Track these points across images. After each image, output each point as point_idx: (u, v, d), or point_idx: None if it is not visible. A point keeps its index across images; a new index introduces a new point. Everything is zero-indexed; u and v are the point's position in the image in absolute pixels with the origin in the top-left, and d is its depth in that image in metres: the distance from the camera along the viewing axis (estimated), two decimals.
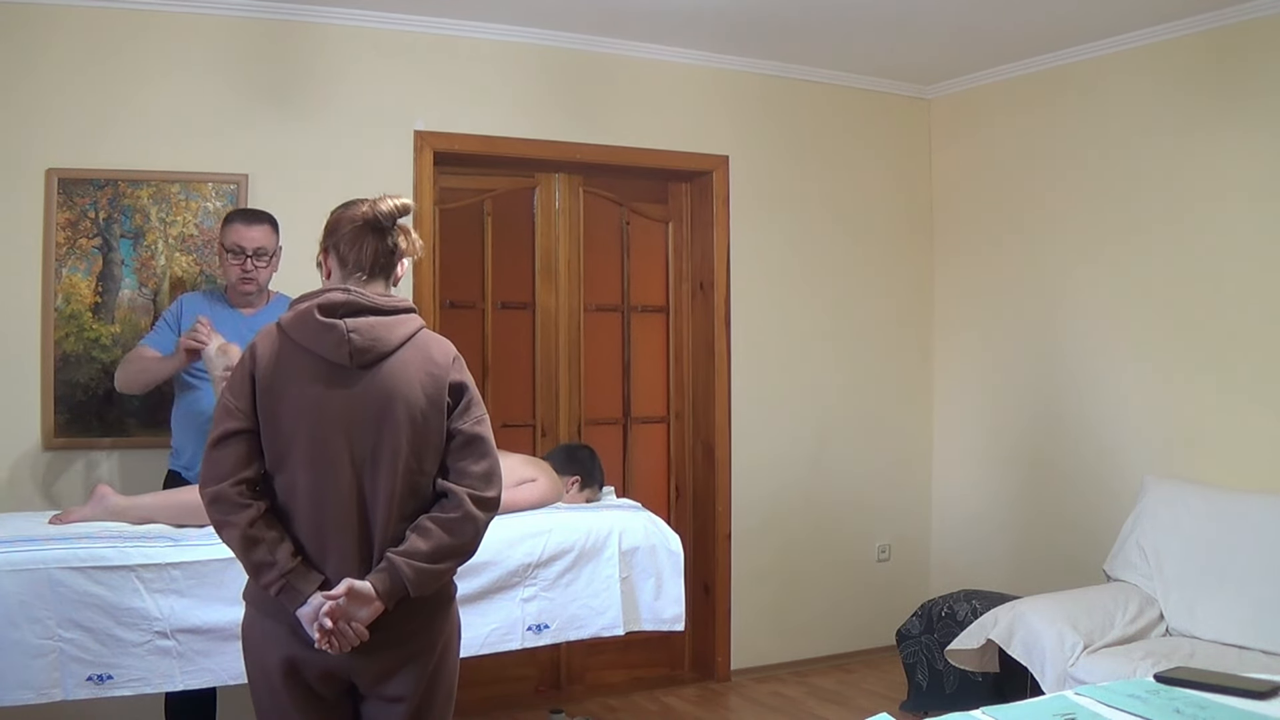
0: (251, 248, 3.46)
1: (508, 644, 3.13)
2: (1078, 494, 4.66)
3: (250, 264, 3.46)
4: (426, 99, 4.32)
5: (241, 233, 3.47)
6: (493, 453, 2.29)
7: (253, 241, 3.46)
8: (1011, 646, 3.64)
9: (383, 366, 2.20)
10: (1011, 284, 4.98)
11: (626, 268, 4.98)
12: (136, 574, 2.71)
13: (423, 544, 2.17)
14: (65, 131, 3.79)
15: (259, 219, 3.51)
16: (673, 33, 4.52)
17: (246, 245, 3.45)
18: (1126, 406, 4.47)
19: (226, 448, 2.17)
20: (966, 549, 5.18)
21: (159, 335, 3.52)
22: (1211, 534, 3.80)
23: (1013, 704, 2.21)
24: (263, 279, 3.51)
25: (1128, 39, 4.39)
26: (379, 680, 2.24)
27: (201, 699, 3.36)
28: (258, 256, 3.47)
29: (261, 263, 3.48)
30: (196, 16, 3.96)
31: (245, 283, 3.48)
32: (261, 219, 3.52)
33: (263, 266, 3.49)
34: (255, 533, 2.14)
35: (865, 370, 5.23)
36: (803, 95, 5.07)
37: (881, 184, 5.27)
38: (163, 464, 3.57)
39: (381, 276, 2.29)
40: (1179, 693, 2.26)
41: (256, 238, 3.47)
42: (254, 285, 3.50)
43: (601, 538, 3.25)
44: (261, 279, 3.51)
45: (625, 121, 4.68)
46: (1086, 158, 4.63)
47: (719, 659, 4.92)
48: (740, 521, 4.94)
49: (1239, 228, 4.09)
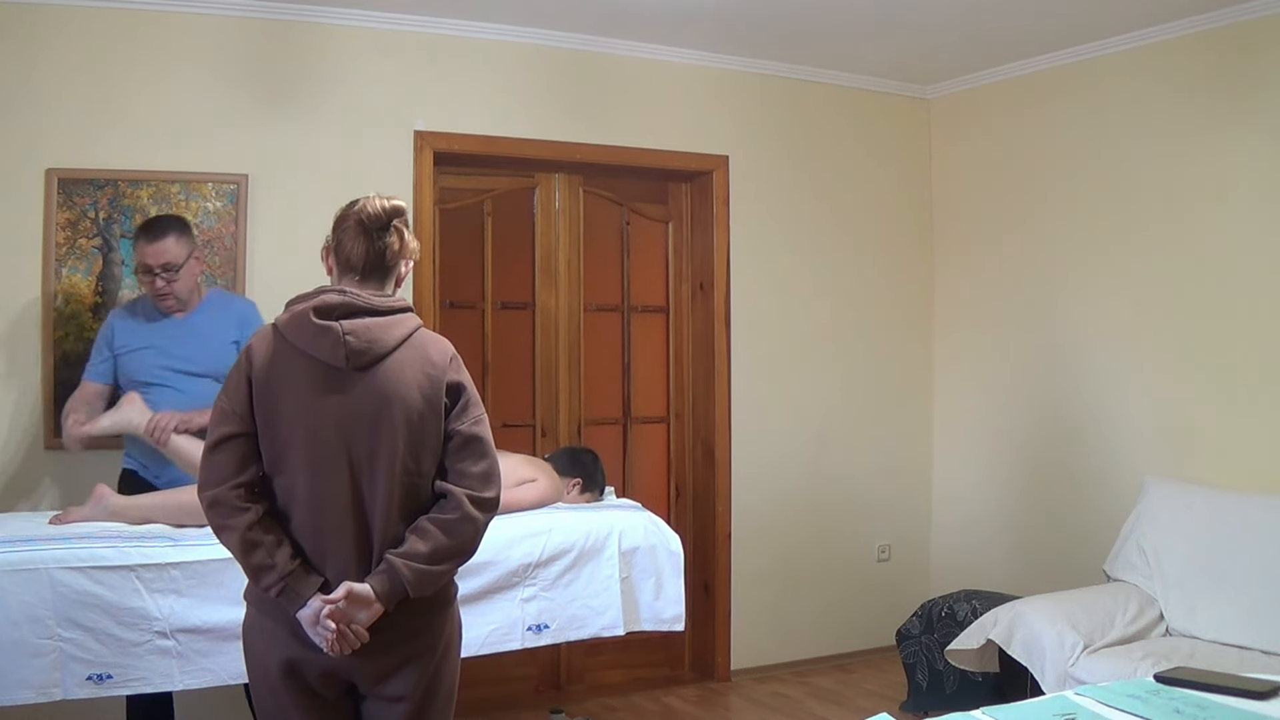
0: (158, 264, 3.29)
1: (508, 644, 3.13)
2: (1078, 494, 4.65)
3: (160, 281, 3.31)
4: (426, 99, 4.32)
5: (144, 250, 3.30)
6: (491, 453, 2.29)
7: (157, 257, 3.29)
8: (1011, 646, 3.64)
9: (379, 368, 2.20)
10: (1011, 284, 4.98)
11: (626, 268, 4.98)
12: (136, 574, 2.71)
13: (422, 545, 2.17)
14: (65, 131, 3.79)
15: (161, 233, 3.32)
16: (673, 33, 4.52)
17: (152, 262, 3.29)
18: (1126, 406, 4.47)
19: (224, 451, 2.17)
20: (966, 549, 5.18)
21: (98, 366, 3.41)
22: (1211, 534, 3.80)
23: (1013, 704, 2.21)
24: (179, 291, 3.35)
25: (1127, 39, 4.39)
26: (379, 680, 2.23)
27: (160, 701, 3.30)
28: (167, 270, 3.30)
29: (172, 276, 3.31)
30: (196, 16, 3.96)
31: (161, 299, 3.35)
32: (164, 232, 3.32)
33: (174, 280, 3.32)
34: (254, 536, 2.14)
35: (865, 370, 5.23)
36: (802, 95, 5.07)
37: (881, 184, 5.27)
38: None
39: (376, 277, 2.28)
40: (1179, 693, 2.26)
41: (161, 253, 3.29)
42: (171, 300, 3.36)
43: (601, 538, 3.25)
44: (178, 291, 3.35)
45: (625, 121, 4.68)
46: (1086, 158, 4.63)
47: (719, 659, 4.92)
48: (740, 521, 4.93)
49: (1239, 228, 4.08)
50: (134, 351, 3.38)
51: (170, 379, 3.34)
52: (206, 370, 3.34)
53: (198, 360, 3.35)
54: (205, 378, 3.33)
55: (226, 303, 3.56)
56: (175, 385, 3.34)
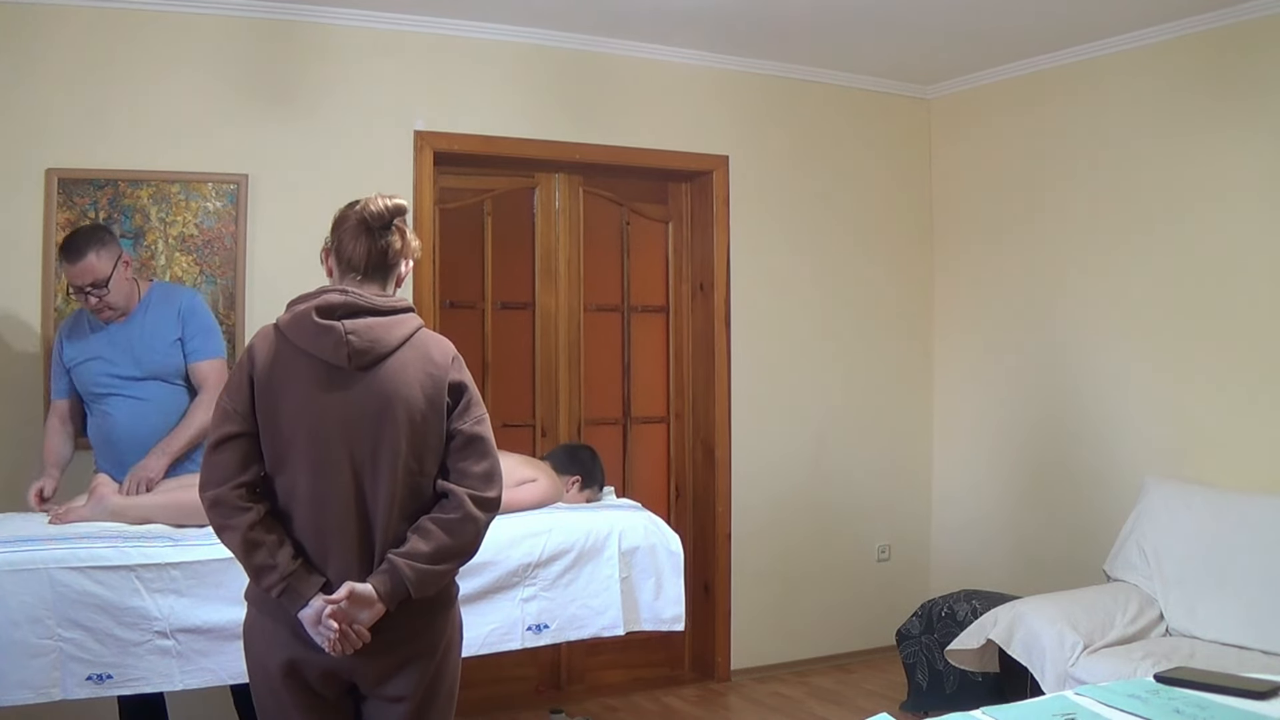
0: (85, 283, 3.21)
1: (508, 644, 3.13)
2: (1078, 494, 4.66)
3: (93, 298, 3.24)
4: (426, 99, 4.32)
5: (69, 270, 3.23)
6: (493, 453, 2.29)
7: (82, 277, 3.20)
8: (1011, 646, 3.64)
9: (381, 367, 2.20)
10: (1011, 284, 4.98)
11: (626, 268, 4.98)
12: (136, 574, 2.71)
13: (423, 545, 2.17)
14: (65, 131, 3.79)
15: (79, 252, 3.20)
16: (673, 33, 4.52)
17: (79, 282, 3.22)
18: (1127, 407, 4.47)
19: (225, 451, 2.17)
20: (966, 549, 5.18)
21: (58, 384, 3.40)
22: (1211, 534, 3.80)
23: (1013, 704, 2.21)
24: (114, 301, 3.27)
25: (1128, 39, 4.39)
26: (380, 680, 2.23)
27: (153, 702, 3.28)
28: (96, 288, 3.22)
29: (103, 290, 3.23)
30: (196, 16, 3.96)
31: (100, 313, 3.29)
32: (82, 250, 3.20)
33: (106, 294, 3.23)
34: (255, 536, 2.14)
35: (865, 370, 5.23)
36: (803, 95, 5.07)
37: (881, 184, 5.27)
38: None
39: (377, 277, 2.28)
40: (1179, 693, 2.26)
41: (85, 272, 3.20)
42: (110, 312, 3.28)
43: (601, 538, 3.25)
44: (112, 302, 3.27)
45: (625, 121, 4.68)
46: (1087, 158, 4.63)
47: (719, 659, 4.92)
48: (740, 521, 4.93)
49: (1240, 228, 4.08)
50: (82, 364, 3.34)
51: (119, 386, 3.31)
52: (153, 373, 3.31)
53: (143, 363, 3.31)
54: (154, 380, 3.32)
55: (167, 297, 3.44)
56: (125, 392, 3.31)
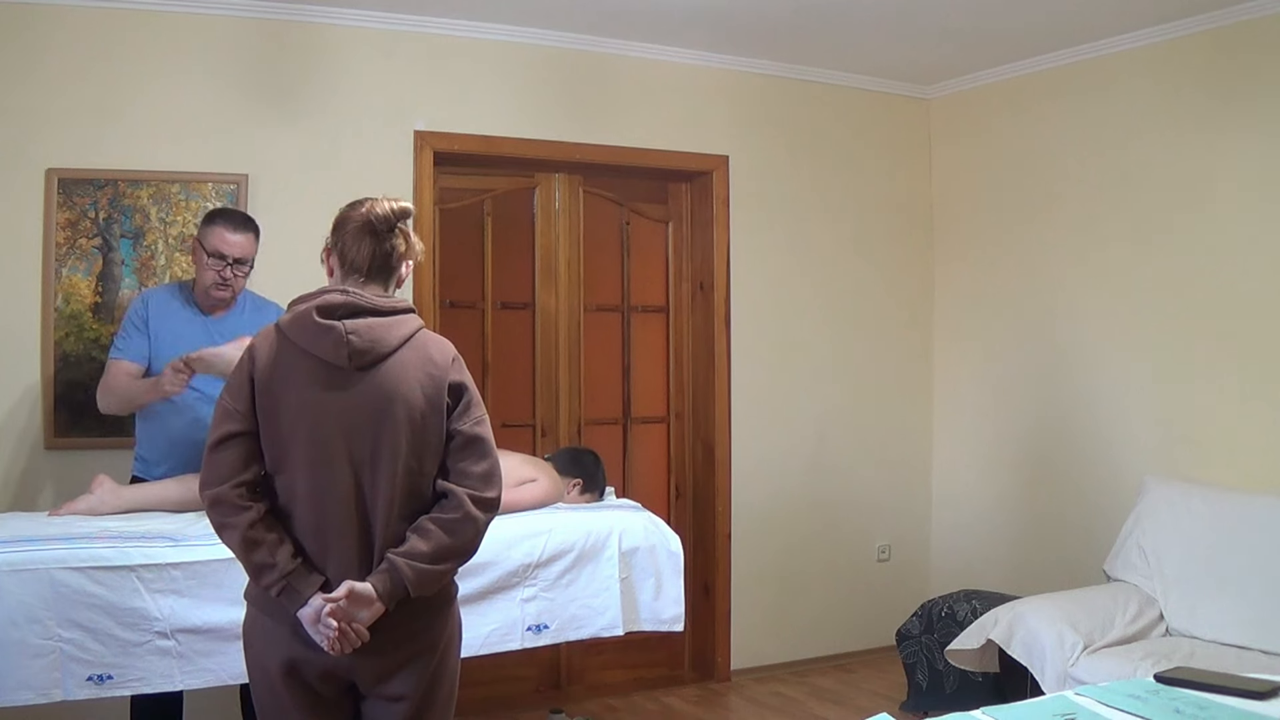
0: (233, 255, 3.27)
1: (507, 644, 3.12)
2: (1078, 494, 4.66)
3: (230, 271, 3.27)
4: (426, 99, 4.32)
5: (225, 238, 3.26)
6: (493, 453, 2.29)
7: (236, 249, 3.27)
8: (1011, 646, 3.64)
9: (381, 367, 2.20)
10: (1011, 283, 4.98)
11: (626, 268, 4.98)
12: (136, 574, 2.71)
13: (423, 545, 2.17)
14: (65, 131, 3.79)
15: (245, 226, 3.32)
16: (673, 33, 4.52)
17: (229, 252, 3.26)
18: (1126, 406, 4.47)
19: (226, 450, 2.18)
20: (966, 549, 5.18)
21: (130, 341, 3.31)
22: (1211, 534, 3.80)
23: (1013, 704, 2.20)
24: (239, 288, 3.34)
25: (1128, 39, 4.39)
26: (380, 680, 2.24)
27: (168, 702, 3.25)
28: (238, 265, 3.28)
29: (241, 271, 3.30)
30: (196, 16, 3.96)
31: (220, 289, 3.29)
32: (248, 226, 3.33)
33: (241, 275, 3.31)
34: (255, 535, 2.14)
35: (865, 370, 5.23)
36: (802, 95, 5.06)
37: (881, 184, 5.27)
38: None
39: (380, 278, 2.29)
40: (1179, 693, 2.25)
41: (241, 245, 3.28)
42: (229, 293, 3.32)
43: (601, 538, 3.25)
44: (238, 287, 3.33)
45: (625, 121, 4.68)
46: (1087, 158, 4.63)
47: (719, 659, 4.92)
48: (740, 521, 4.93)
49: (1239, 228, 4.08)
50: (171, 343, 3.27)
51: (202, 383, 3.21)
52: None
53: None
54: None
55: (260, 308, 3.45)
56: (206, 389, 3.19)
